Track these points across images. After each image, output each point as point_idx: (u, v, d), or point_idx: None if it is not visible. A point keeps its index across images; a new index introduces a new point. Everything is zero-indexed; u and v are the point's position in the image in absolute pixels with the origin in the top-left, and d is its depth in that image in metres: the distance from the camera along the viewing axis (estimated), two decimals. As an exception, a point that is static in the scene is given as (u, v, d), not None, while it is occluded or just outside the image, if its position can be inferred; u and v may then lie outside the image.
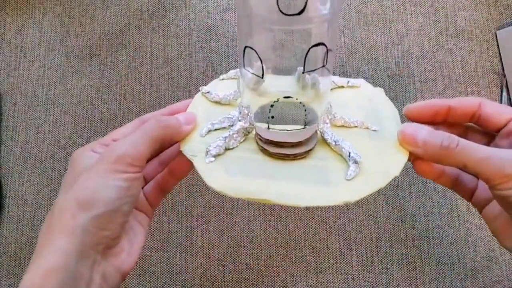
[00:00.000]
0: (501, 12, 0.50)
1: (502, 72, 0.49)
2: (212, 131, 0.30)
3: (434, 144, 0.25)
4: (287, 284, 0.44)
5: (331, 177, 0.28)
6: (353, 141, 0.29)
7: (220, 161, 0.28)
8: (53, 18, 0.51)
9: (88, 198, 0.24)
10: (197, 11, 0.50)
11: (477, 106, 0.28)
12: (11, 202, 0.46)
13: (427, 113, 0.28)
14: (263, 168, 0.28)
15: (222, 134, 0.29)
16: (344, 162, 0.28)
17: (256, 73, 0.26)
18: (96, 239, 0.24)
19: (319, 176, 0.28)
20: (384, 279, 0.44)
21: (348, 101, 0.32)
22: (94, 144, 0.29)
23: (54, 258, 0.23)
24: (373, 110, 0.31)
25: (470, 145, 0.25)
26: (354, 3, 0.50)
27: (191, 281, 0.44)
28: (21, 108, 0.48)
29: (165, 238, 0.45)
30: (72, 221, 0.24)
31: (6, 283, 0.44)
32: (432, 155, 0.26)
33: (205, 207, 0.46)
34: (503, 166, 0.24)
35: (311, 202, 0.27)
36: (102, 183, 0.25)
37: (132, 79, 0.49)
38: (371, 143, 0.29)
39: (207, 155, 0.28)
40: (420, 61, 0.49)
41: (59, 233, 0.24)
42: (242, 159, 0.29)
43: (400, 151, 0.28)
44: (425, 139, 0.26)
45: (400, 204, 0.46)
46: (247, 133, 0.30)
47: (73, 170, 0.27)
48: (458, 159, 0.25)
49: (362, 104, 0.32)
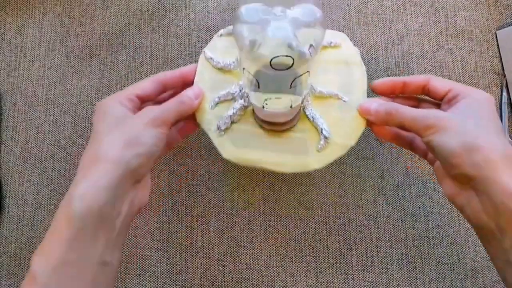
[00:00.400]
0: (501, 12, 0.50)
1: (502, 72, 0.49)
2: (218, 103, 0.39)
3: (381, 111, 0.36)
4: (287, 284, 0.44)
5: (308, 148, 0.38)
6: (326, 112, 0.38)
7: (228, 135, 0.38)
8: (53, 18, 0.51)
9: (134, 139, 0.31)
10: (197, 11, 0.50)
11: (427, 81, 0.37)
12: (11, 202, 0.46)
13: (387, 87, 0.38)
14: (260, 141, 0.38)
15: (227, 106, 0.39)
16: (318, 134, 0.38)
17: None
18: (134, 173, 0.31)
19: (300, 147, 0.38)
20: (384, 279, 0.44)
21: (328, 66, 0.40)
22: (119, 96, 0.34)
23: (102, 178, 0.29)
24: (347, 74, 0.40)
25: (404, 109, 0.34)
26: (354, 3, 0.50)
27: (191, 281, 0.44)
28: (21, 108, 0.48)
29: (165, 238, 0.45)
30: (119, 153, 0.30)
31: (6, 283, 0.44)
32: (380, 119, 0.36)
33: (205, 207, 0.46)
34: (425, 120, 0.32)
35: (292, 169, 0.38)
36: (145, 131, 0.32)
37: (132, 79, 0.49)
38: (340, 115, 0.38)
39: (218, 129, 0.38)
40: (420, 61, 0.49)
41: (106, 161, 0.30)
42: (245, 133, 0.39)
43: (359, 122, 0.38)
44: (376, 108, 0.36)
45: (400, 204, 0.46)
46: (246, 108, 0.39)
47: (107, 116, 0.33)
48: (397, 120, 0.35)
49: (339, 69, 0.40)
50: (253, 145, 0.38)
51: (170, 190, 0.46)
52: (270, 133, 0.39)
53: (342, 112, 0.39)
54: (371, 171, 0.47)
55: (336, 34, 0.41)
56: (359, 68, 0.40)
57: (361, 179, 0.46)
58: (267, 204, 0.46)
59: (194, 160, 0.47)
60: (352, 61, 0.40)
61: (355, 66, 0.40)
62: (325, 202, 0.46)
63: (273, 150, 0.38)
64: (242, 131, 0.39)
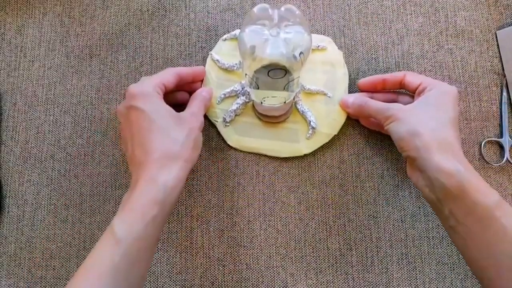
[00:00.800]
0: (501, 12, 0.50)
1: (502, 72, 0.49)
2: (224, 99, 0.46)
3: (355, 104, 0.44)
4: (287, 284, 0.44)
5: (299, 137, 0.46)
6: (314, 106, 0.46)
7: (232, 126, 0.46)
8: (53, 18, 0.51)
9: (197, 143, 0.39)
10: (197, 11, 0.50)
11: (402, 76, 0.43)
12: (11, 202, 0.46)
13: (370, 84, 0.45)
14: (259, 131, 0.46)
15: (231, 102, 0.46)
16: (307, 125, 0.46)
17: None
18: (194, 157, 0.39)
19: (292, 136, 0.46)
20: (384, 279, 0.44)
21: (315, 67, 0.47)
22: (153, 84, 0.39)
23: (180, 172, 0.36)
24: (332, 73, 0.47)
25: (371, 102, 0.42)
26: (354, 3, 0.50)
27: (191, 281, 0.44)
28: (21, 108, 0.48)
29: (165, 238, 0.45)
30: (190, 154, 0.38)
31: (6, 283, 0.44)
32: (355, 112, 0.44)
33: (205, 207, 0.46)
34: (385, 112, 0.40)
35: (285, 155, 0.46)
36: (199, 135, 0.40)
37: (132, 79, 0.49)
38: (325, 108, 0.46)
39: (224, 121, 0.46)
40: (420, 61, 0.49)
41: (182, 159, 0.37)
42: (246, 124, 0.46)
43: (341, 115, 0.46)
44: (352, 102, 0.44)
45: (400, 204, 0.46)
46: (247, 103, 0.46)
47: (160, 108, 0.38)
48: (366, 112, 0.43)
49: (325, 69, 0.47)
50: (253, 135, 0.46)
51: (170, 190, 0.46)
52: (268, 124, 0.46)
53: (327, 106, 0.46)
54: (371, 171, 0.47)
55: (323, 38, 0.48)
56: (342, 68, 0.47)
57: (361, 179, 0.46)
58: (267, 204, 0.46)
59: (194, 160, 0.47)
60: (336, 62, 0.47)
61: (338, 66, 0.47)
62: (325, 202, 0.46)
63: (270, 139, 0.46)
64: (244, 123, 0.46)
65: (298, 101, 0.46)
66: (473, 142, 0.47)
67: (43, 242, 0.45)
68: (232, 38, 0.48)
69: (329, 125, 0.46)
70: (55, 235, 0.45)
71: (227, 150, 0.47)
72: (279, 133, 0.46)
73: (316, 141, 0.46)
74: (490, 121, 0.48)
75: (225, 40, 0.48)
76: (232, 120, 0.46)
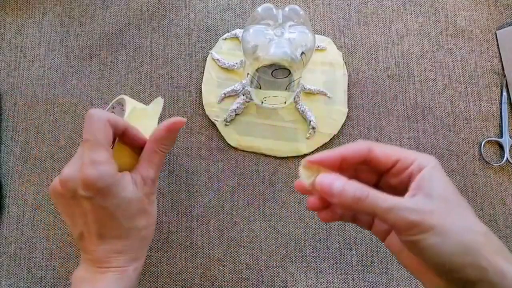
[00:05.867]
0: (501, 12, 0.50)
1: (502, 72, 0.49)
2: (224, 98, 0.46)
3: (347, 194, 0.27)
4: (287, 284, 0.44)
5: (298, 136, 0.46)
6: (313, 107, 0.46)
7: (232, 125, 0.46)
8: (53, 18, 0.51)
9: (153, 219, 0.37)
10: (197, 11, 0.50)
11: (367, 152, 0.30)
12: (11, 202, 0.46)
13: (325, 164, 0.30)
14: (259, 130, 0.46)
15: (231, 101, 0.46)
16: (307, 125, 0.46)
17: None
18: None
19: (292, 136, 0.46)
20: (384, 279, 0.44)
21: (315, 67, 0.47)
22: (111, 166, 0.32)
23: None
24: (331, 74, 0.47)
25: (378, 196, 0.27)
26: (354, 3, 0.50)
27: (191, 281, 0.44)
28: (21, 108, 0.48)
29: (165, 238, 0.45)
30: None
31: (6, 283, 0.44)
32: (345, 204, 0.27)
33: (205, 207, 0.46)
34: (407, 215, 0.26)
35: (285, 154, 0.46)
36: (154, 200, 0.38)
37: (132, 79, 0.49)
38: (325, 108, 0.46)
39: (225, 121, 0.46)
40: (420, 61, 0.49)
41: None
42: (246, 123, 0.46)
43: (341, 114, 0.46)
44: (340, 190, 0.27)
45: (400, 204, 0.46)
46: (247, 102, 0.46)
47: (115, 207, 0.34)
48: (368, 209, 0.27)
49: (325, 70, 0.47)
50: (253, 134, 0.46)
51: (170, 190, 0.46)
52: (268, 124, 0.47)
53: (327, 106, 0.46)
54: (371, 171, 0.47)
55: (323, 39, 0.48)
56: (341, 68, 0.47)
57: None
58: (267, 204, 0.46)
59: (194, 160, 0.47)
60: (335, 62, 0.47)
61: (337, 67, 0.47)
62: (325, 202, 0.46)
63: (270, 138, 0.46)
64: (244, 122, 0.46)
65: (299, 101, 0.46)
66: (473, 142, 0.47)
67: (43, 242, 0.45)
68: (232, 37, 0.48)
69: (329, 125, 0.46)
70: (55, 235, 0.45)
71: (227, 150, 0.47)
72: (279, 133, 0.46)
73: (316, 141, 0.46)
74: (490, 121, 0.48)
75: (226, 39, 0.48)
76: (232, 120, 0.46)
